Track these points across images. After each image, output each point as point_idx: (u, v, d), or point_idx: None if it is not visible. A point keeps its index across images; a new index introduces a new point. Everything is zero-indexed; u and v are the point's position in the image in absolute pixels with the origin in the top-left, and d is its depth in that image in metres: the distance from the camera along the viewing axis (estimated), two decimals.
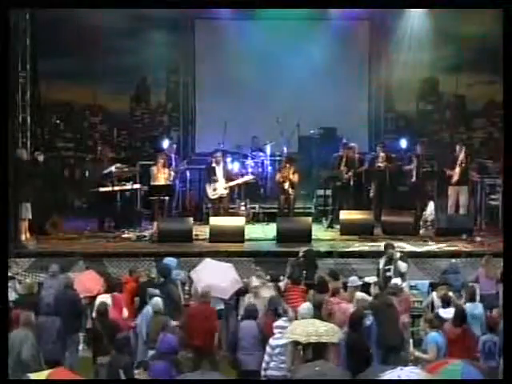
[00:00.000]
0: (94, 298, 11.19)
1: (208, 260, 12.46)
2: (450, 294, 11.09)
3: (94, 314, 10.34)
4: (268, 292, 11.01)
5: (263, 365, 9.33)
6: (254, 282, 11.40)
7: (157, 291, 11.02)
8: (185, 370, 9.13)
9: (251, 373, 9.54)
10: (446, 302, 10.65)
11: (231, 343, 9.90)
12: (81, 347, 11.25)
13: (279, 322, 9.58)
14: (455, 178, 15.49)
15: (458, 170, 15.46)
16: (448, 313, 10.30)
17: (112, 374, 8.71)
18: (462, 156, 15.55)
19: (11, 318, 9.57)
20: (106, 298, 10.72)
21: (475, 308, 10.59)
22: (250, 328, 9.76)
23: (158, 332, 9.55)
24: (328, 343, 8.63)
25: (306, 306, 9.83)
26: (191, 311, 10.60)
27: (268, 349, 9.33)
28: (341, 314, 10.33)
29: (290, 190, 15.65)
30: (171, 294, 11.16)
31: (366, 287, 11.31)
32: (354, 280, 11.37)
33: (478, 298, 11.27)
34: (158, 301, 10.37)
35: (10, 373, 8.46)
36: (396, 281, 11.33)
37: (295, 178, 15.65)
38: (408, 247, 13.84)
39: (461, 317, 9.81)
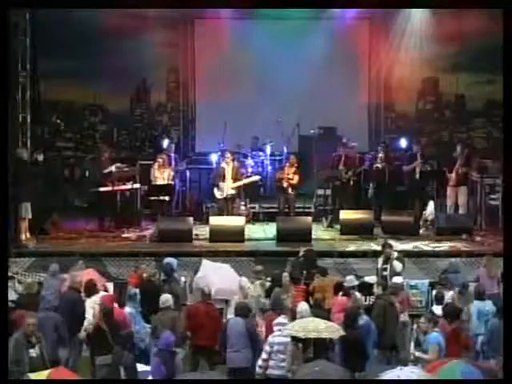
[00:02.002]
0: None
1: (207, 262, 12.47)
2: (445, 291, 11.12)
3: (97, 314, 10.29)
4: (258, 291, 11.06)
5: (261, 363, 9.31)
6: (243, 282, 11.40)
7: (137, 290, 11.00)
8: (175, 368, 9.12)
9: (238, 370, 9.51)
10: (439, 299, 10.66)
11: (220, 340, 9.90)
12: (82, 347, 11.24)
13: (279, 320, 9.59)
14: (454, 178, 15.49)
15: (457, 171, 15.46)
16: (441, 310, 10.33)
17: (113, 371, 8.70)
18: (462, 157, 15.55)
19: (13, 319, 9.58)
20: (97, 298, 10.70)
21: (485, 306, 10.62)
22: (237, 325, 9.74)
23: (168, 328, 9.56)
24: (328, 341, 8.66)
25: (304, 306, 9.85)
26: (194, 311, 10.58)
27: (266, 346, 9.32)
28: (338, 306, 10.52)
29: (290, 190, 15.66)
30: (174, 292, 11.16)
31: (365, 286, 11.35)
32: (350, 280, 11.39)
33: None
34: (167, 297, 10.36)
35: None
36: (397, 280, 11.35)
37: (295, 178, 15.66)
38: (408, 247, 13.85)
39: (452, 313, 9.85)
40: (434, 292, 11.31)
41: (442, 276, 12.44)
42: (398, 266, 12.04)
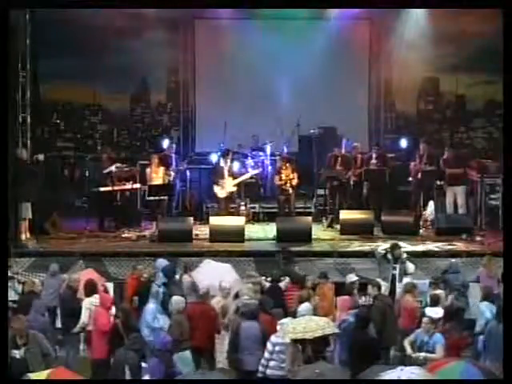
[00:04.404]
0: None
1: (208, 261, 12.48)
2: (439, 291, 11.14)
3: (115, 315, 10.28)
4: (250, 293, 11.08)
5: (262, 361, 9.30)
6: (224, 283, 11.39)
7: (160, 289, 11.03)
8: (176, 367, 9.11)
9: (253, 373, 9.47)
10: (435, 301, 10.68)
11: (233, 344, 9.84)
12: (81, 347, 11.25)
13: (284, 320, 9.56)
14: (448, 178, 15.51)
15: (449, 170, 15.49)
16: (435, 312, 10.32)
17: (117, 370, 8.69)
18: (449, 157, 15.59)
19: None
20: (95, 299, 10.75)
21: (492, 308, 10.62)
22: (251, 329, 9.69)
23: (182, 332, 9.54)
24: (327, 338, 8.66)
25: (305, 307, 9.84)
26: (191, 311, 10.58)
27: (269, 345, 9.29)
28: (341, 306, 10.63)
29: (290, 190, 15.65)
30: (175, 294, 11.14)
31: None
32: (350, 276, 11.49)
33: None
34: (178, 300, 10.34)
35: None
36: (408, 279, 11.38)
37: (295, 177, 15.64)
38: (408, 247, 13.84)
39: (447, 314, 9.86)
40: (430, 294, 11.26)
41: (439, 275, 12.43)
42: (410, 266, 12.10)
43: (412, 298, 10.91)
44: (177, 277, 11.78)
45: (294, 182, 15.61)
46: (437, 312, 10.31)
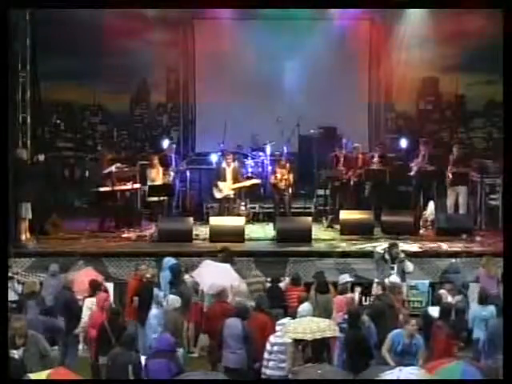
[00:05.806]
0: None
1: (208, 262, 12.48)
2: (443, 291, 11.13)
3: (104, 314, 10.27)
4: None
5: (263, 362, 9.30)
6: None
7: (161, 293, 11.02)
8: (185, 368, 9.13)
9: (233, 370, 9.43)
10: (437, 301, 10.67)
11: (218, 340, 9.81)
12: (81, 347, 11.24)
13: (283, 320, 9.55)
14: (453, 178, 15.51)
15: (455, 170, 15.49)
16: (436, 311, 10.33)
17: (118, 370, 8.69)
18: (458, 157, 15.59)
19: None
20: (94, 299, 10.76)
21: (483, 311, 10.61)
22: (234, 327, 9.68)
23: (177, 330, 9.53)
24: (327, 340, 8.66)
25: (305, 307, 9.84)
26: (211, 311, 10.58)
27: (268, 346, 9.30)
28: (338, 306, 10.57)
29: (285, 190, 15.59)
30: (183, 293, 11.15)
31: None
32: (343, 277, 11.46)
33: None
34: (174, 299, 10.34)
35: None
36: (395, 279, 11.35)
37: (290, 178, 15.57)
38: (408, 247, 13.84)
39: (442, 311, 9.87)
40: (435, 294, 11.27)
41: (443, 276, 12.43)
42: (409, 266, 12.11)
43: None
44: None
45: (289, 182, 15.56)
46: None
